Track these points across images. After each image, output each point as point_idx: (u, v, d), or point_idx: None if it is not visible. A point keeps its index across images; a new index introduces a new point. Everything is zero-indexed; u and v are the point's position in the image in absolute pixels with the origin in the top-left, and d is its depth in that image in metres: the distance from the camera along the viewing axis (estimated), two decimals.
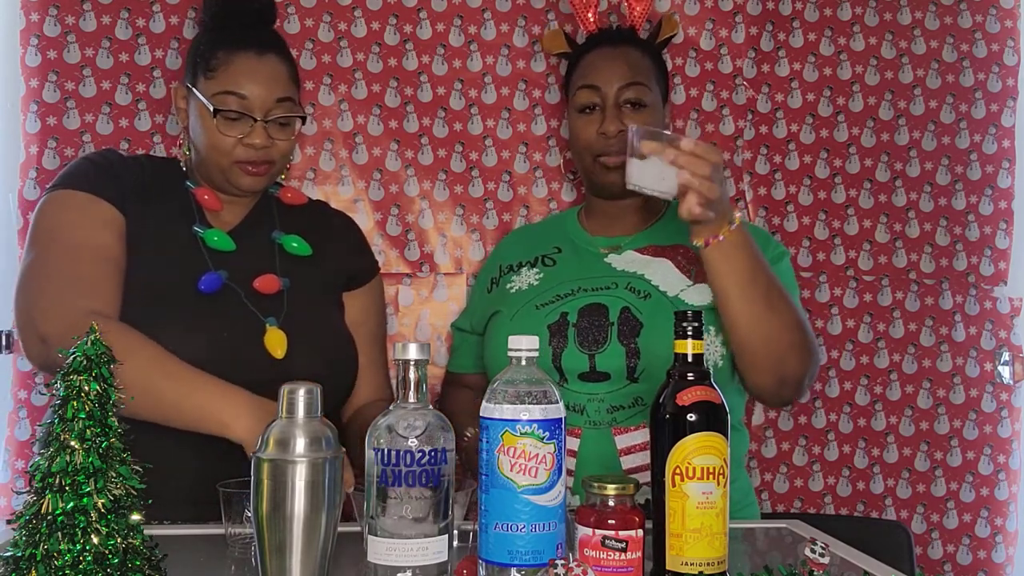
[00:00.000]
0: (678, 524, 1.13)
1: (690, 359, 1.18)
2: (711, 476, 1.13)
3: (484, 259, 2.10)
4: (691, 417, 1.14)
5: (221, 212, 1.73)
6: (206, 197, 1.71)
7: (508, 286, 1.84)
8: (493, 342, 1.79)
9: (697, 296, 1.70)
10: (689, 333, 1.18)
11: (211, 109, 1.63)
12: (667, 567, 1.14)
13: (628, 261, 1.79)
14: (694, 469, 1.13)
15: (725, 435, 1.16)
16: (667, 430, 1.16)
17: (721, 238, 1.55)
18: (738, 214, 1.58)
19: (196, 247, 1.67)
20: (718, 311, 1.62)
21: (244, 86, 1.63)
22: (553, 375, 1.68)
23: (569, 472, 1.61)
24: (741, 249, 1.57)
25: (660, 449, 1.16)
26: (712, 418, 1.15)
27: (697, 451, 1.14)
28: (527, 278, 1.83)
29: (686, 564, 1.13)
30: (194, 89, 1.67)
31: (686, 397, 1.15)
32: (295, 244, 1.75)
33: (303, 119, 1.73)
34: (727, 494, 1.15)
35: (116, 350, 1.31)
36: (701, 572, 1.12)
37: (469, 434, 1.55)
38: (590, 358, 1.67)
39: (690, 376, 1.17)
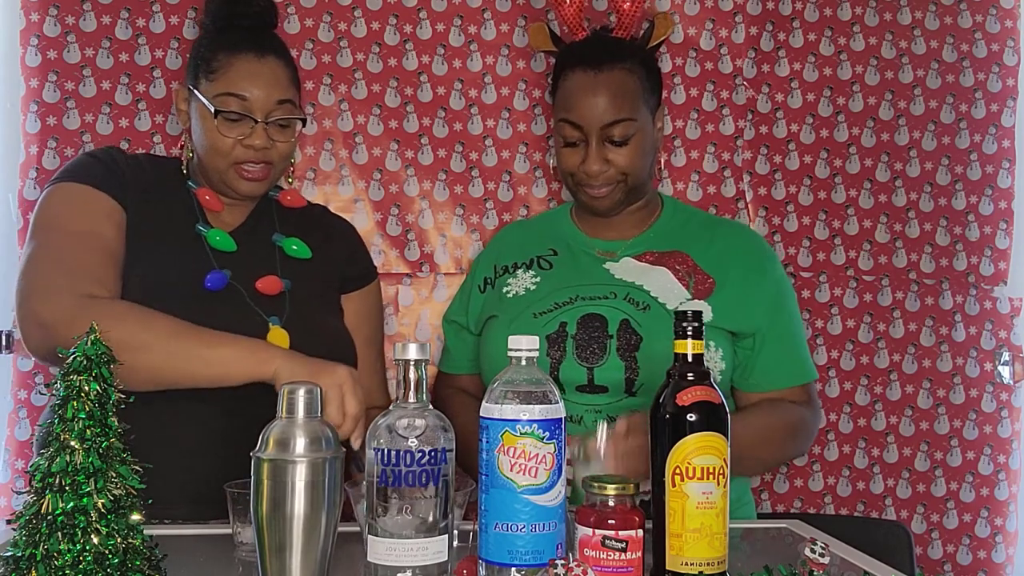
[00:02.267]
0: (678, 524, 1.13)
1: (690, 359, 1.17)
2: (711, 476, 1.13)
3: None
4: (691, 417, 1.14)
5: (222, 213, 1.74)
6: (207, 198, 1.71)
7: (504, 289, 1.83)
8: (490, 348, 1.79)
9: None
10: (689, 333, 1.18)
11: (212, 110, 1.63)
12: (667, 567, 1.13)
13: (626, 269, 1.78)
14: (694, 469, 1.13)
15: (725, 435, 1.16)
16: (667, 430, 1.15)
17: None
18: None
19: (200, 246, 1.67)
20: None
21: (245, 88, 1.64)
22: None
23: (567, 481, 1.59)
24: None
25: (660, 449, 1.16)
26: (712, 418, 1.15)
27: (697, 451, 1.13)
28: (523, 282, 1.82)
29: (686, 564, 1.12)
30: (195, 90, 1.67)
31: (686, 397, 1.15)
32: (295, 247, 1.75)
33: (303, 121, 1.73)
34: (727, 494, 1.15)
35: (133, 321, 1.45)
36: (701, 572, 1.12)
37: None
38: (589, 371, 1.67)
39: (690, 376, 1.17)
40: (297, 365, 1.46)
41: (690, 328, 1.18)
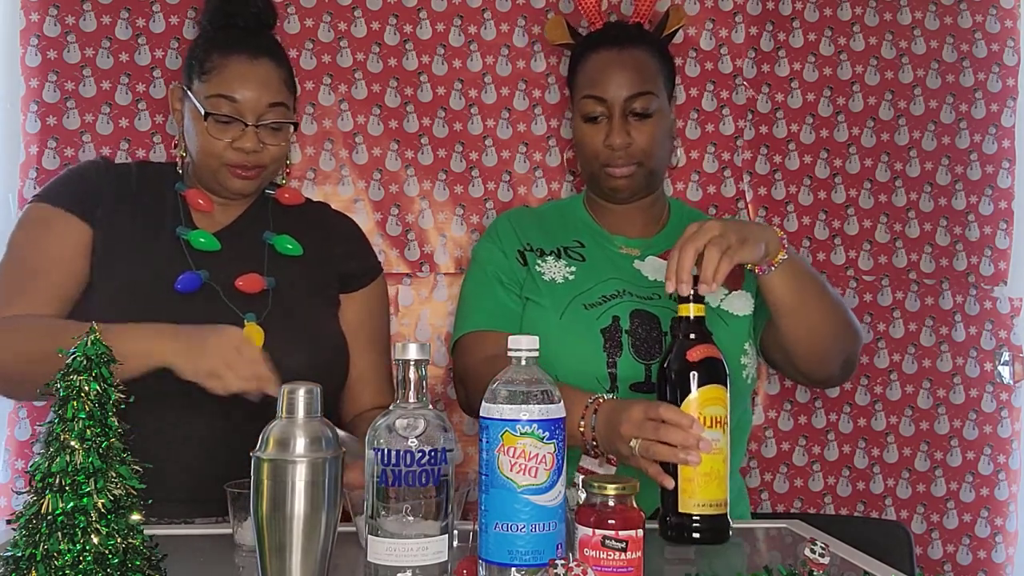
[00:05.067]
0: (690, 469, 1.27)
1: (692, 319, 1.33)
2: (719, 424, 1.28)
3: None
4: (701, 372, 1.29)
5: (214, 213, 1.73)
6: (200, 201, 1.71)
7: (538, 270, 1.76)
8: (534, 334, 1.68)
9: (740, 304, 1.70)
10: (690, 297, 1.34)
11: (203, 112, 1.63)
12: (680, 509, 1.29)
13: (656, 268, 1.76)
14: (705, 418, 1.27)
15: (727, 387, 1.31)
16: (678, 385, 1.30)
17: (784, 256, 1.49)
18: (784, 242, 1.51)
19: (178, 249, 1.67)
20: (781, 325, 1.59)
21: (236, 90, 1.63)
22: (604, 382, 1.65)
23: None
24: (800, 267, 1.54)
25: (673, 404, 1.30)
26: (716, 372, 1.30)
27: (707, 402, 1.28)
28: (558, 269, 1.76)
29: (698, 505, 1.27)
30: (188, 91, 1.67)
31: (695, 354, 1.29)
32: (289, 245, 1.74)
33: (295, 125, 1.72)
34: (729, 441, 1.30)
35: (7, 333, 1.48)
36: (710, 513, 1.29)
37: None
38: (646, 368, 1.65)
39: (692, 336, 1.31)
40: (182, 342, 1.44)
41: (691, 293, 1.35)
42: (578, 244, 1.82)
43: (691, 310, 1.33)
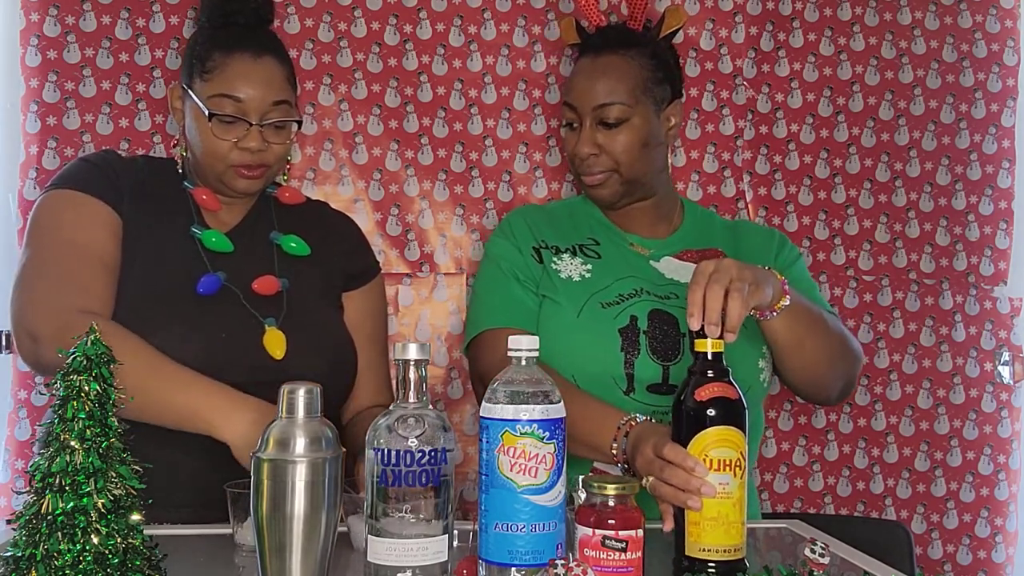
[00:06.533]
0: (696, 513, 1.21)
1: (710, 357, 1.26)
2: (728, 468, 1.21)
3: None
4: (709, 412, 1.22)
5: (220, 212, 1.73)
6: (204, 197, 1.70)
7: (554, 267, 1.74)
8: (551, 332, 1.65)
9: None
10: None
11: (206, 112, 1.62)
12: (685, 552, 1.22)
13: (673, 268, 1.76)
14: (711, 461, 1.21)
15: (742, 429, 1.23)
16: (687, 424, 1.24)
17: (786, 303, 1.49)
18: (786, 286, 1.51)
19: (194, 248, 1.67)
20: (779, 360, 1.62)
21: (240, 89, 1.62)
22: (621, 383, 1.63)
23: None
24: (800, 309, 1.54)
25: (681, 442, 1.24)
26: (730, 413, 1.23)
27: (714, 444, 1.21)
28: (575, 267, 1.74)
29: (704, 550, 1.21)
30: (190, 91, 1.66)
31: (705, 393, 1.22)
32: (293, 244, 1.74)
33: (299, 122, 1.72)
34: (744, 485, 1.22)
35: (113, 347, 1.33)
36: (718, 558, 1.20)
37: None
38: (664, 369, 1.64)
39: (710, 373, 1.25)
40: (256, 437, 1.32)
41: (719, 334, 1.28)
42: (593, 241, 1.80)
43: (708, 345, 1.26)
